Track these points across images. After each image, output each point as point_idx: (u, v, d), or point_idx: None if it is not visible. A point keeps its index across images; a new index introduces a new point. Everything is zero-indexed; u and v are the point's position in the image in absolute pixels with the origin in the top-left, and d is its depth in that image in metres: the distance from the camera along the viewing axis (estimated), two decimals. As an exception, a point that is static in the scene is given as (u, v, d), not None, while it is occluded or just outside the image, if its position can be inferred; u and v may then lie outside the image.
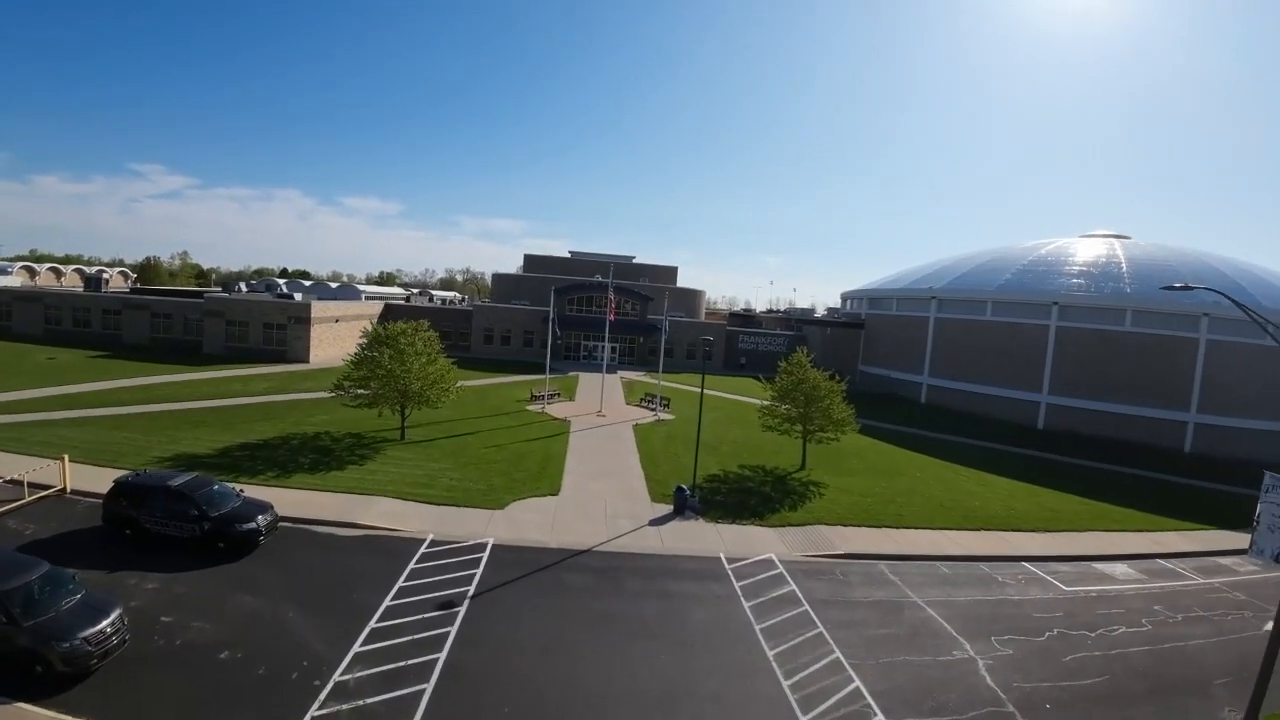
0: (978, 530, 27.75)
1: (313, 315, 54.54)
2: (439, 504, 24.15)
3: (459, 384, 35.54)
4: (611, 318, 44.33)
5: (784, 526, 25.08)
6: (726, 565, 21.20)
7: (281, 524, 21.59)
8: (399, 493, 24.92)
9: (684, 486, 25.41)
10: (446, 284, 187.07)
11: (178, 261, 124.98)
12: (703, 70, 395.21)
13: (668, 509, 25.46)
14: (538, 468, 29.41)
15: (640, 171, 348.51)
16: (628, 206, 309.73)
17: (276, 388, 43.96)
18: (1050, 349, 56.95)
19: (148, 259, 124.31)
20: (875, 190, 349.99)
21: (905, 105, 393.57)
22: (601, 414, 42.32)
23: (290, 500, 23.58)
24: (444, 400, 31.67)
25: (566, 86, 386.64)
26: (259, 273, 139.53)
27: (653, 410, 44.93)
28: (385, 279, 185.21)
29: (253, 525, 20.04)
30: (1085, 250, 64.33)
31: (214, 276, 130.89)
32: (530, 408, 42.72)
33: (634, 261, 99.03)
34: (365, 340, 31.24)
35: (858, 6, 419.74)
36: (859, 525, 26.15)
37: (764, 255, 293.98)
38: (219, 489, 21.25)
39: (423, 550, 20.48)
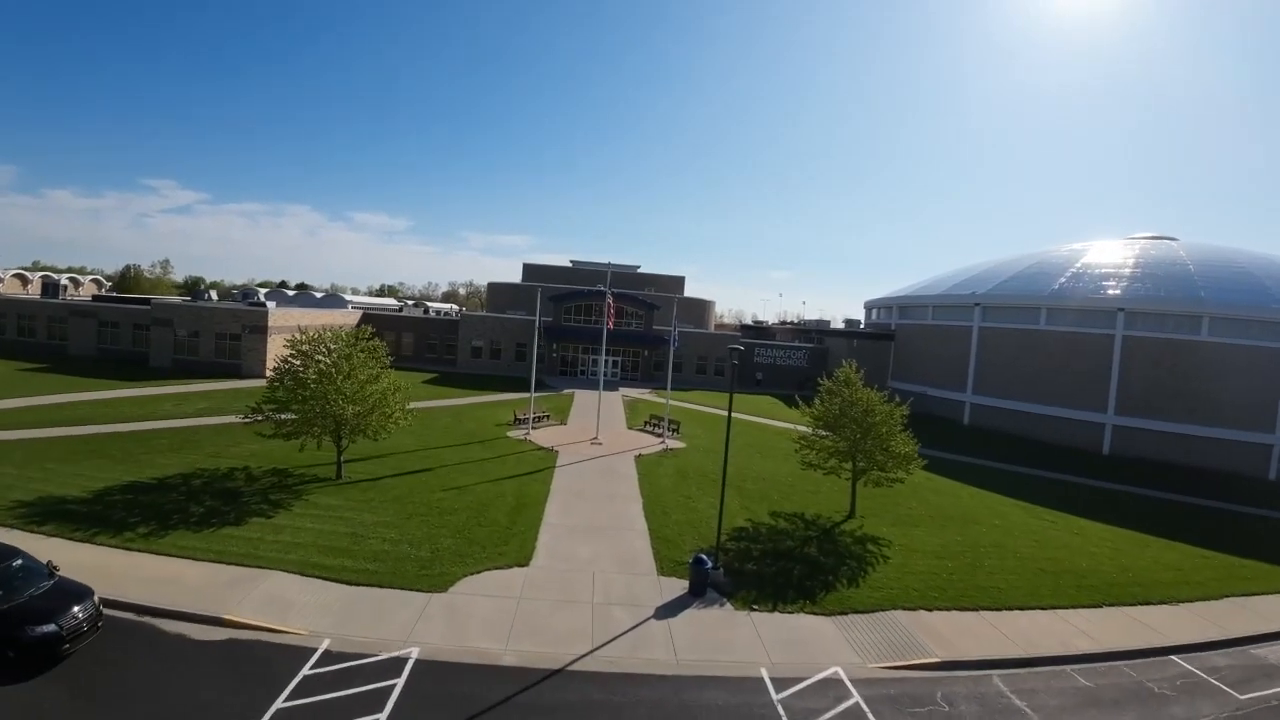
0: (1099, 606, 20.54)
1: (270, 324, 47.57)
2: (355, 583, 16.94)
3: (417, 405, 28.65)
4: (610, 325, 37.19)
5: (846, 614, 17.71)
6: (774, 694, 13.83)
7: (119, 614, 14.76)
8: (303, 563, 17.79)
9: (705, 556, 17.93)
10: (449, 297, 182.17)
11: (158, 270, 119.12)
12: (708, 84, 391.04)
13: (681, 587, 18.07)
14: (506, 521, 22.08)
15: (643, 186, 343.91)
16: (632, 221, 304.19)
17: (214, 408, 37.06)
18: (1116, 362, 49.64)
19: (127, 267, 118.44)
20: (883, 204, 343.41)
21: (901, 114, 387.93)
22: (597, 441, 35.01)
23: (147, 574, 16.66)
24: (387, 431, 24.53)
25: (571, 102, 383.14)
26: (263, 285, 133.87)
27: (659, 436, 37.61)
28: (388, 292, 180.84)
29: (51, 628, 13.06)
30: (1139, 253, 57.14)
31: (203, 286, 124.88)
32: (511, 434, 35.40)
33: (639, 271, 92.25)
34: (290, 351, 24.24)
35: (860, 11, 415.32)
36: (947, 607, 18.82)
37: (768, 270, 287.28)
38: (20, 566, 14.39)
39: (306, 670, 13.30)
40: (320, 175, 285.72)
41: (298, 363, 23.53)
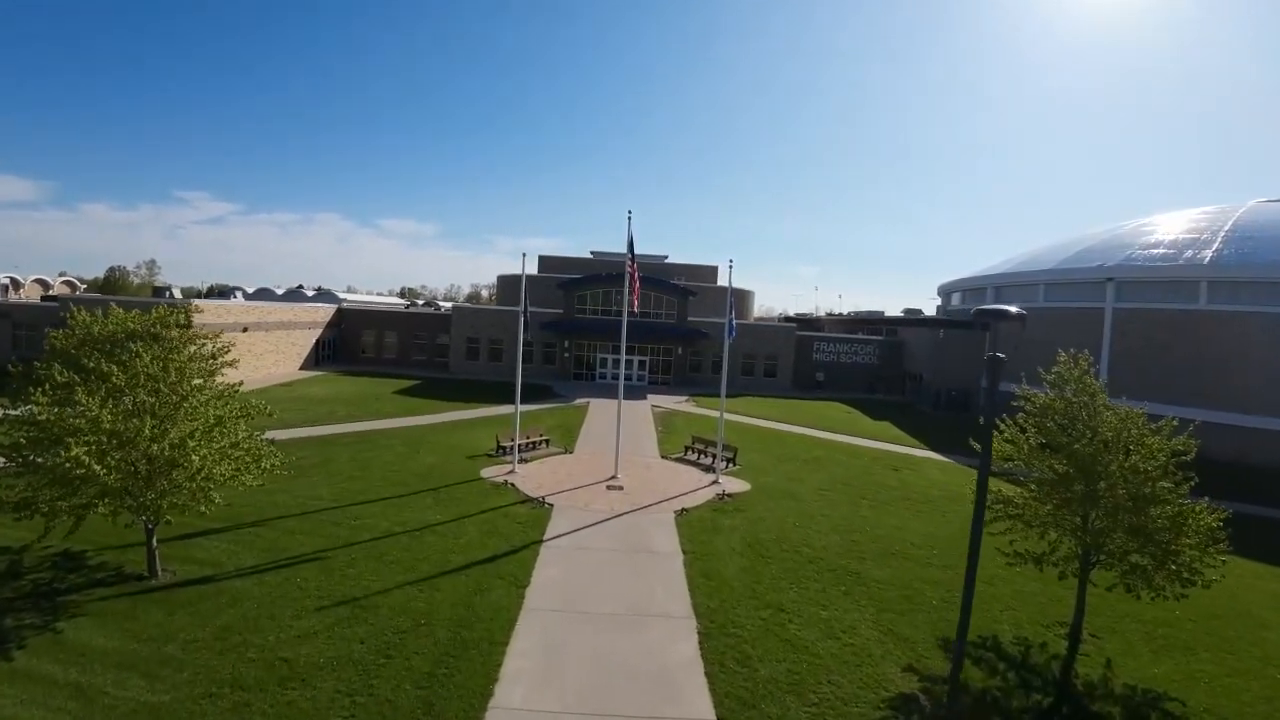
0: None
1: (196, 322, 37.18)
2: None
3: (366, 427, 17.50)
4: (635, 304, 25.77)
5: None
6: None
7: None
8: None
9: None
10: (473, 299, 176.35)
11: (144, 271, 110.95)
12: (729, 80, 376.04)
13: None
14: (415, 703, 10.43)
15: (668, 182, 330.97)
16: (658, 218, 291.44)
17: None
18: (1305, 353, 37.01)
19: (111, 269, 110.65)
20: (915, 201, 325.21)
21: (919, 106, 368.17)
22: (616, 483, 23.34)
23: None
24: (206, 502, 13.35)
25: (596, 101, 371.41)
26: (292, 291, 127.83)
27: (709, 471, 25.88)
28: (408, 294, 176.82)
29: None
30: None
31: (199, 290, 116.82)
32: (487, 473, 23.77)
33: (666, 261, 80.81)
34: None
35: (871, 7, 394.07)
36: None
37: (798, 266, 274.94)
38: None
39: None
40: (348, 183, 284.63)
41: (42, 370, 12.72)
